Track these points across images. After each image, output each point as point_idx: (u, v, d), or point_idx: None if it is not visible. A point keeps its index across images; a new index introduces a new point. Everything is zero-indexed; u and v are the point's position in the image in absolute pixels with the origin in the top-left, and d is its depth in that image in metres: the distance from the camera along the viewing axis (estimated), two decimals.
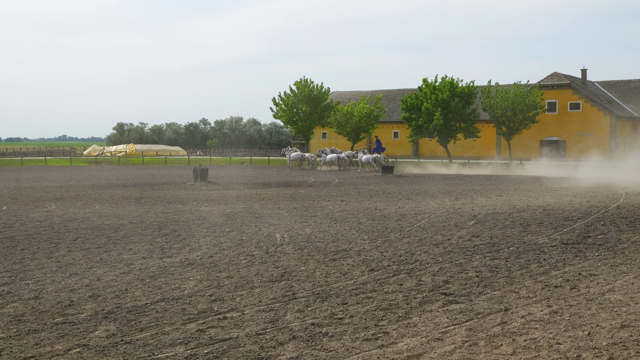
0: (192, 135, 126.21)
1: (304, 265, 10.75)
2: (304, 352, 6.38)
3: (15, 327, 7.18)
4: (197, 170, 33.89)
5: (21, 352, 6.31)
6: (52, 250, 12.24)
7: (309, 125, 68.01)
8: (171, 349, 6.43)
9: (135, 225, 15.74)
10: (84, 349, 6.41)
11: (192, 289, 9.02)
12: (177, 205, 21.28)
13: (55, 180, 37.33)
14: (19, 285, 9.22)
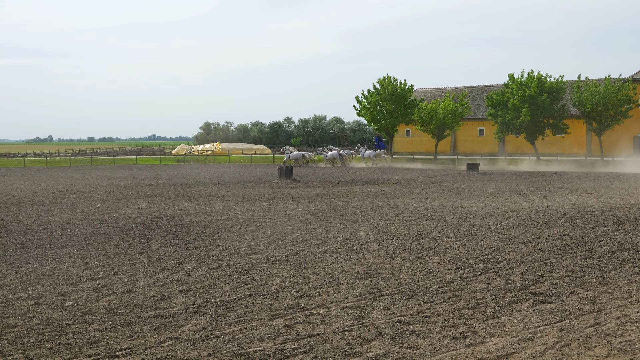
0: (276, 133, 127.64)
1: (389, 263, 10.71)
2: (391, 349, 6.36)
3: (110, 319, 7.44)
4: (282, 168, 34.25)
5: (116, 344, 6.53)
6: (144, 246, 12.62)
7: (392, 122, 67.66)
8: (259, 344, 6.52)
9: (223, 222, 16.05)
10: (175, 342, 6.58)
11: (279, 285, 9.13)
12: (263, 202, 21.57)
13: (145, 178, 38.47)
14: (114, 280, 9.55)
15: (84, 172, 47.23)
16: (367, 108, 67.75)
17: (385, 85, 67.11)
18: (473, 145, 79.55)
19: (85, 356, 6.15)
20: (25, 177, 41.23)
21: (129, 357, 6.14)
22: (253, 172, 46.18)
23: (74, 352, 6.29)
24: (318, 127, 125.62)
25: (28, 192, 27.30)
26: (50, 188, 29.67)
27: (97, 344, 6.52)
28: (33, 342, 6.59)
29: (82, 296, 8.55)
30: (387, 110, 67.30)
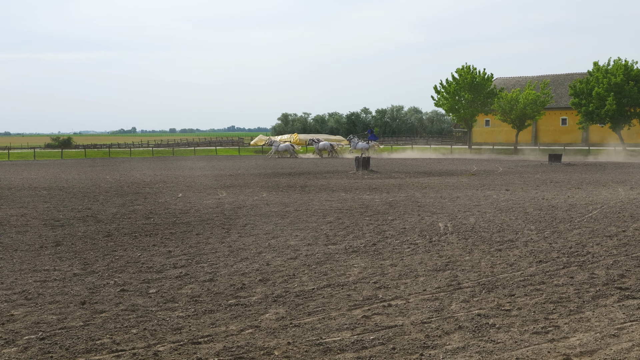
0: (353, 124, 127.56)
1: (468, 255, 10.58)
2: (471, 342, 6.29)
3: (193, 307, 7.62)
4: (359, 159, 34.23)
5: (199, 331, 6.69)
6: (224, 235, 12.85)
7: (471, 112, 66.62)
8: (338, 334, 6.56)
9: (301, 213, 16.18)
10: (255, 330, 6.69)
11: (357, 276, 9.15)
12: (340, 193, 21.63)
13: (224, 169, 39.14)
14: (195, 268, 9.77)
15: (165, 163, 48.42)
16: (445, 98, 66.90)
17: (464, 75, 66.06)
18: (555, 135, 77.55)
19: (169, 342, 6.33)
20: (110, 167, 42.57)
21: (211, 344, 6.28)
22: (330, 162, 46.32)
23: (158, 337, 6.47)
24: (395, 118, 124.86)
25: (113, 182, 28.19)
26: (134, 178, 30.55)
27: (180, 331, 6.69)
28: (120, 328, 6.81)
29: (165, 284, 8.79)
30: (465, 100, 66.28)
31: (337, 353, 6.02)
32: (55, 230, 13.79)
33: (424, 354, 5.99)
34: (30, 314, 7.36)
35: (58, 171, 38.19)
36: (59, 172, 37.41)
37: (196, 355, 5.96)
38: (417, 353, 6.01)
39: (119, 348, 6.16)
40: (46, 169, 40.55)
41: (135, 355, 5.97)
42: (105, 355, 5.98)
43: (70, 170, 38.77)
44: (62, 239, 12.61)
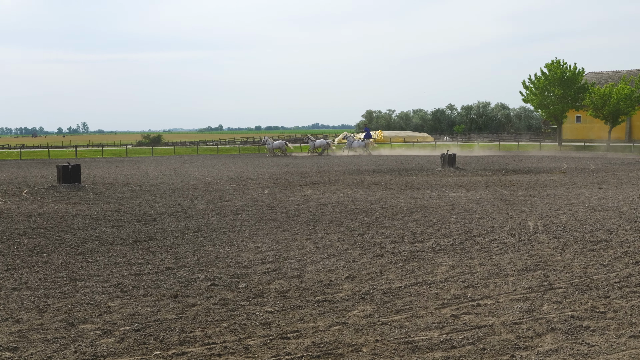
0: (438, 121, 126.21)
1: (560, 255, 10.30)
2: (564, 345, 6.12)
3: (281, 302, 7.72)
4: (445, 156, 33.85)
5: (287, 326, 6.76)
6: (311, 232, 12.95)
7: (561, 108, 64.83)
8: (426, 333, 6.51)
9: (386, 210, 16.13)
10: (343, 327, 6.72)
11: (445, 275, 9.05)
12: (425, 190, 21.45)
13: (309, 166, 39.42)
14: (283, 264, 9.89)
15: (251, 160, 49.18)
16: (534, 94, 65.35)
17: (553, 70, 64.35)
18: None
19: (259, 336, 6.43)
20: (198, 164, 43.56)
21: (300, 339, 6.34)
22: (415, 160, 45.99)
23: (248, 332, 6.59)
24: (482, 114, 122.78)
25: (202, 178, 28.84)
26: (221, 175, 31.16)
27: (269, 325, 6.79)
28: (211, 321, 6.97)
29: (254, 279, 8.93)
30: (555, 96, 64.55)
31: (426, 352, 5.97)
32: (148, 225, 14.22)
33: (515, 355, 5.87)
34: (125, 306, 7.61)
35: (149, 168, 39.36)
36: (150, 168, 38.55)
37: (285, 350, 6.03)
38: (508, 354, 5.89)
39: (211, 341, 6.30)
40: (138, 166, 41.86)
41: (226, 348, 6.09)
42: (198, 347, 6.13)
43: (160, 167, 39.89)
44: (154, 233, 13.00)
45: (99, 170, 36.37)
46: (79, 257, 10.66)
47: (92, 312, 7.36)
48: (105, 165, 43.16)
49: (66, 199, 20.04)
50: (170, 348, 6.11)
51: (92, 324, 6.94)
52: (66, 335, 6.53)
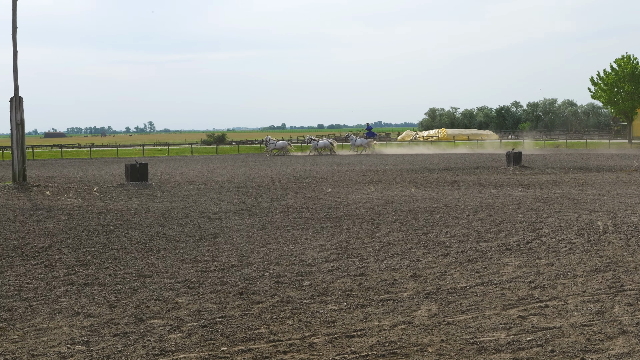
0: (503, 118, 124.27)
1: (631, 256, 10.01)
2: (636, 348, 5.94)
3: (345, 300, 7.73)
4: (510, 154, 33.30)
5: (352, 325, 6.76)
6: (374, 230, 12.92)
7: (631, 105, 63.02)
8: (493, 334, 6.42)
9: (450, 209, 15.97)
10: (408, 326, 6.68)
11: (511, 275, 8.91)
12: (490, 189, 21.16)
13: (372, 164, 39.35)
14: (347, 262, 9.89)
15: (314, 158, 49.37)
16: (603, 90, 63.73)
17: (623, 65, 62.62)
18: None
19: (324, 334, 6.45)
20: (262, 162, 43.98)
21: (364, 338, 6.33)
22: (479, 158, 45.40)
23: (312, 329, 6.62)
24: (548, 111, 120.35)
25: (265, 177, 29.11)
26: (284, 173, 31.39)
27: (333, 324, 6.80)
28: (276, 319, 7.02)
29: (318, 277, 8.96)
30: (625, 92, 62.79)
31: (493, 353, 5.89)
32: (213, 222, 14.43)
33: (585, 358, 5.73)
34: (192, 302, 7.74)
35: (213, 166, 39.94)
36: (215, 167, 39.11)
37: (350, 348, 6.03)
38: (578, 357, 5.76)
39: (276, 338, 6.35)
40: (202, 164, 42.53)
41: (291, 345, 6.13)
42: (263, 344, 6.18)
43: (225, 165, 40.43)
44: (219, 231, 13.18)
45: (165, 169, 37.09)
46: (147, 253, 10.90)
47: (160, 308, 7.52)
48: (171, 164, 43.99)
49: (134, 197, 20.50)
50: (236, 344, 6.19)
51: (161, 319, 7.08)
52: (135, 330, 6.68)
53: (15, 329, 6.82)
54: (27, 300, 7.95)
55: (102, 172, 34.21)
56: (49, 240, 12.24)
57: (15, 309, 7.54)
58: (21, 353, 6.01)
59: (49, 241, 12.17)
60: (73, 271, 9.55)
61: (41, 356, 5.92)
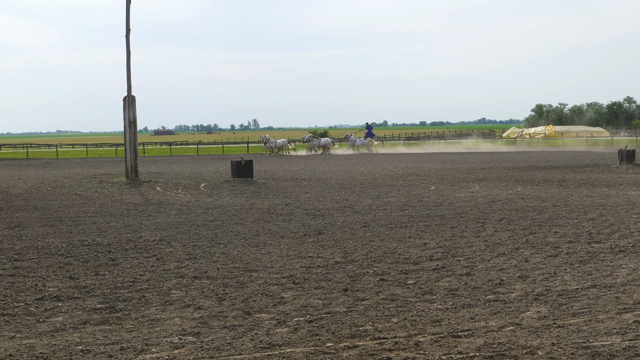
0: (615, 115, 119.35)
1: None
2: None
3: (451, 300, 7.62)
4: (623, 152, 31.94)
5: (458, 324, 6.67)
6: (479, 229, 12.68)
7: None
8: (607, 338, 6.17)
9: (559, 209, 15.48)
10: (516, 328, 6.52)
11: (625, 278, 8.54)
12: (602, 188, 20.36)
13: (476, 162, 38.65)
14: (452, 261, 9.76)
15: (416, 156, 48.99)
16: None
17: None
18: None
19: (430, 333, 6.38)
20: (364, 160, 44.02)
21: (471, 338, 6.23)
22: (589, 155, 43.80)
23: (418, 328, 6.56)
24: None
25: (367, 174, 29.11)
26: (387, 170, 31.30)
27: (439, 323, 6.72)
28: (380, 316, 7.01)
29: (422, 275, 8.88)
30: None
31: (607, 358, 5.66)
32: (317, 219, 14.56)
33: None
34: (298, 298, 7.84)
35: (316, 163, 40.29)
36: (317, 164, 39.45)
37: (457, 348, 5.95)
38: None
39: (381, 336, 6.34)
40: (305, 161, 42.99)
41: (396, 343, 6.10)
42: (369, 341, 6.19)
43: (327, 163, 40.71)
44: (323, 228, 13.28)
45: (269, 166, 37.72)
46: (253, 248, 11.12)
47: (267, 302, 7.65)
48: (275, 161, 44.70)
49: (239, 193, 20.97)
50: (341, 340, 6.22)
51: (267, 313, 7.21)
52: (243, 324, 6.83)
53: (130, 318, 7.11)
54: (140, 291, 8.27)
55: (208, 169, 35.16)
56: (160, 234, 12.70)
57: (130, 300, 7.87)
58: (136, 342, 6.26)
59: (160, 235, 12.62)
60: (183, 264, 9.87)
61: (154, 345, 6.15)
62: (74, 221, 14.64)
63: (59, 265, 9.86)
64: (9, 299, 7.95)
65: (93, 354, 5.93)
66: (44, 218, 15.22)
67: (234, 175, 26.11)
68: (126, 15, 26.48)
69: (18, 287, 8.54)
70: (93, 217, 15.42)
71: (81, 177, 28.04)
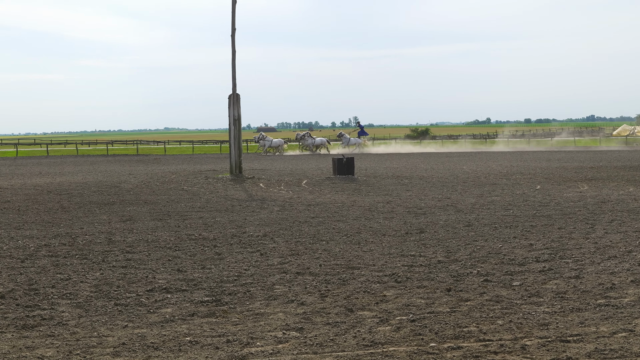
0: None
1: None
2: None
3: (559, 303, 7.38)
4: None
5: (567, 329, 6.45)
6: (588, 231, 12.24)
7: None
8: None
9: None
10: (630, 335, 6.24)
11: None
12: None
13: (585, 160, 37.35)
14: (559, 263, 9.45)
15: (520, 155, 47.79)
16: None
17: None
18: None
19: (536, 337, 6.21)
20: (466, 157, 43.33)
21: (580, 344, 6.01)
22: None
23: (524, 331, 6.40)
24: None
25: (470, 172, 28.64)
26: (490, 169, 30.68)
27: (547, 327, 6.53)
28: (485, 317, 6.88)
29: (528, 277, 8.65)
30: None
31: None
32: (419, 217, 14.45)
33: None
34: (400, 296, 7.80)
35: (417, 161, 40.00)
36: (419, 161, 39.16)
37: (565, 354, 5.75)
38: None
39: (486, 337, 6.22)
40: (406, 159, 42.76)
41: (502, 346, 5.97)
42: (473, 343, 6.08)
43: (428, 160, 40.34)
44: (425, 226, 13.16)
45: (370, 163, 37.73)
46: (355, 246, 11.14)
47: (369, 300, 7.65)
48: (375, 158, 44.68)
49: (341, 190, 21.07)
50: (445, 341, 6.14)
51: (370, 311, 7.20)
52: (346, 320, 6.85)
53: (235, 312, 7.28)
54: (245, 285, 8.45)
55: (310, 166, 35.51)
56: (263, 230, 12.93)
57: (235, 294, 8.05)
58: (241, 335, 6.40)
59: (263, 231, 12.85)
60: (286, 260, 10.01)
61: (259, 339, 6.26)
62: (181, 216, 15.13)
63: (168, 258, 10.21)
64: (122, 289, 8.30)
65: (200, 346, 6.10)
66: (153, 212, 15.80)
67: (335, 173, 26.26)
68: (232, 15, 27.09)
69: (130, 278, 8.90)
70: (199, 212, 15.88)
71: (187, 173, 28.92)
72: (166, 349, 6.03)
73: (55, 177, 29.14)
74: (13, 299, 7.86)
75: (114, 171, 33.11)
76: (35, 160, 51.57)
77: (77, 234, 12.62)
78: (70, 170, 34.82)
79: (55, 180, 26.66)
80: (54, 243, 11.65)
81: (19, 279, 8.89)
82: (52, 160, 50.70)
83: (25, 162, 46.91)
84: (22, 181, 26.32)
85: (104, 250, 10.97)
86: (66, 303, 7.69)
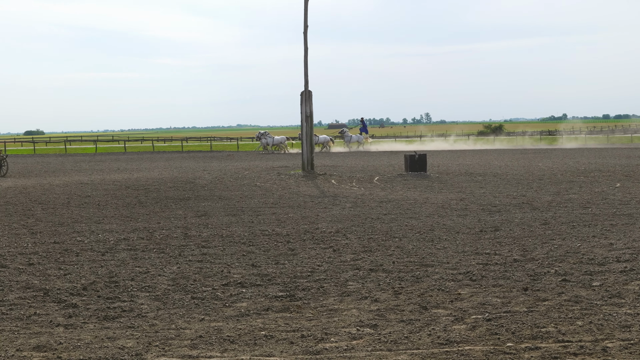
0: None
1: None
2: None
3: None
4: None
5: None
6: None
7: None
8: None
9: None
10: None
11: None
12: None
13: None
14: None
15: (599, 151, 46.43)
16: None
17: None
18: None
19: (618, 339, 6.02)
20: (542, 154, 42.39)
21: None
22: None
23: (605, 333, 6.21)
24: None
25: (546, 169, 28.01)
26: (567, 166, 29.94)
27: (629, 329, 6.32)
28: (564, 318, 6.71)
29: (609, 277, 8.40)
30: None
31: None
32: (493, 215, 14.22)
33: None
34: (475, 295, 7.69)
35: (491, 158, 39.37)
36: (492, 158, 38.53)
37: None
38: None
39: (565, 338, 6.06)
40: (480, 156, 42.14)
41: (582, 348, 5.81)
42: (552, 343, 5.94)
43: (502, 157, 39.66)
44: (500, 224, 12.94)
45: (442, 160, 37.35)
46: (428, 243, 11.05)
47: (444, 298, 7.57)
48: (448, 155, 44.20)
49: (413, 187, 20.92)
50: (522, 341, 6.02)
51: (444, 309, 7.13)
52: (420, 318, 6.80)
53: (309, 307, 7.32)
54: (318, 281, 8.49)
55: (381, 162, 35.39)
56: (335, 226, 12.95)
57: (309, 289, 8.09)
58: (315, 330, 6.43)
59: (335, 227, 12.88)
60: (359, 257, 10.00)
61: (333, 335, 6.28)
62: (254, 211, 15.31)
63: (242, 253, 10.35)
64: (198, 283, 8.46)
65: (275, 340, 6.16)
66: (227, 208, 16.05)
67: (407, 169, 26.10)
68: (304, 13, 27.23)
69: (206, 272, 9.07)
70: (272, 207, 16.04)
71: (260, 169, 29.25)
72: (242, 342, 6.12)
73: (132, 172, 29.94)
74: (95, 291, 8.11)
75: (188, 167, 33.78)
76: (113, 156, 53.13)
77: (154, 229, 12.92)
78: (146, 167, 35.71)
79: (132, 176, 27.39)
80: (133, 237, 11.97)
81: (99, 271, 9.17)
82: (130, 156, 52.12)
83: (104, 158, 48.39)
84: (102, 177, 27.14)
85: (180, 244, 11.20)
86: (145, 295, 7.90)
